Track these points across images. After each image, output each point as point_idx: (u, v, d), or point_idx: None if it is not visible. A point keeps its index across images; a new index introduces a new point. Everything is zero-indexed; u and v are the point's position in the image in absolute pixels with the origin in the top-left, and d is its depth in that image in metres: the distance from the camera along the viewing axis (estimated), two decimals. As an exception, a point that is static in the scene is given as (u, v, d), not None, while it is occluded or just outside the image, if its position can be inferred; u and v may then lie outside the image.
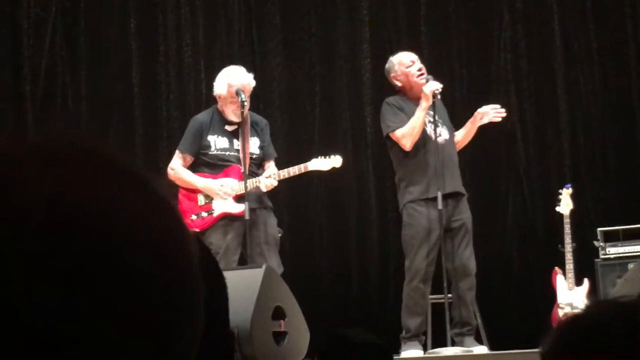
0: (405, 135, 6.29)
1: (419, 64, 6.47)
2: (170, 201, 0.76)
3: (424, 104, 6.23)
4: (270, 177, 6.18)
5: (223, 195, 6.23)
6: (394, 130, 6.32)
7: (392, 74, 6.52)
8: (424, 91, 6.23)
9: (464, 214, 6.35)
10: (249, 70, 6.41)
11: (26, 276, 0.67)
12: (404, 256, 6.44)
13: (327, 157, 6.32)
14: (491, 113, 6.42)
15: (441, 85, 6.28)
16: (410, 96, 6.46)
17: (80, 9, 8.15)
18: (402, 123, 6.30)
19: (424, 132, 6.31)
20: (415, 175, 6.34)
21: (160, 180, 0.76)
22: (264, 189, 6.21)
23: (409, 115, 6.34)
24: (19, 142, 0.75)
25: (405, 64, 6.49)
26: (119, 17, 8.18)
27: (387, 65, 6.60)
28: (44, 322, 0.67)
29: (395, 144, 6.36)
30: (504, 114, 6.46)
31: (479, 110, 6.44)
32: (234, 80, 6.26)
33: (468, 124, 6.48)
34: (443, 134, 6.35)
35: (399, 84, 6.50)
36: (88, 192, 0.71)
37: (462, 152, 6.55)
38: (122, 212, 0.71)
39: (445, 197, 6.21)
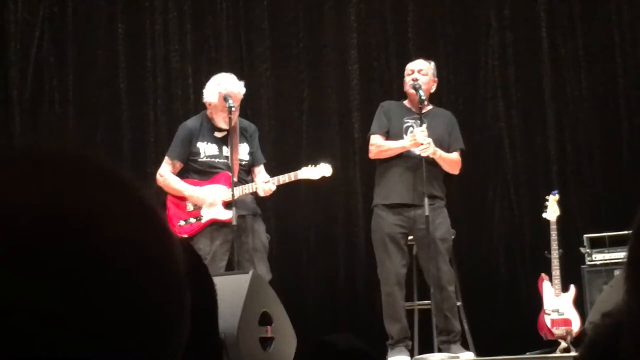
0: (376, 147, 6.43)
1: (415, 75, 6.54)
2: (156, 207, 0.76)
3: (407, 144, 6.29)
4: (268, 181, 6.18)
5: (208, 205, 6.23)
6: (372, 134, 6.53)
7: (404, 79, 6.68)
8: (415, 137, 6.25)
9: (431, 224, 6.32)
10: (237, 76, 6.42)
11: (12, 279, 0.68)
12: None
13: (317, 165, 6.33)
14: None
15: (426, 137, 6.27)
16: (410, 103, 6.59)
17: (67, 13, 8.13)
18: (381, 129, 6.49)
19: (401, 138, 6.40)
20: (383, 179, 6.47)
21: (146, 187, 0.77)
22: (262, 194, 6.21)
23: (396, 122, 6.45)
24: (7, 147, 0.75)
25: (407, 72, 6.63)
26: (107, 22, 8.17)
27: None
28: (31, 323, 0.67)
29: None
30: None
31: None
32: (224, 89, 6.27)
33: None
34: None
35: (404, 88, 6.65)
36: (75, 197, 0.71)
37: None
38: (109, 217, 0.72)
39: (410, 205, 6.28)
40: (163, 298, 0.73)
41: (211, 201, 6.22)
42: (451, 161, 6.45)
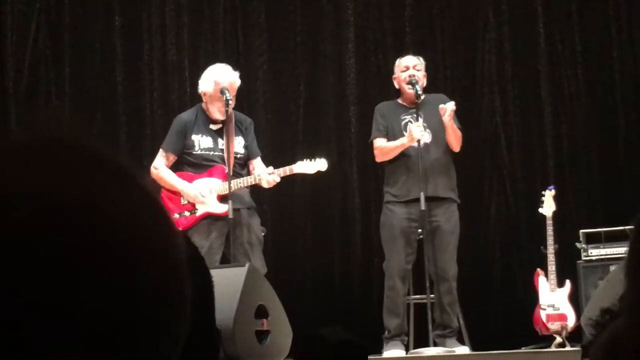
0: (379, 150, 6.44)
1: (411, 71, 6.51)
2: (155, 196, 0.76)
3: (406, 141, 6.27)
4: (273, 173, 6.17)
5: (200, 202, 6.23)
6: (374, 139, 6.51)
7: (393, 75, 6.63)
8: (412, 133, 6.24)
9: (442, 217, 6.35)
10: (233, 69, 6.41)
11: (10, 269, 0.67)
12: (386, 256, 6.50)
13: (313, 159, 6.32)
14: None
15: (423, 132, 6.26)
16: (403, 99, 6.56)
17: (64, 5, 8.12)
18: (381, 132, 6.47)
19: (402, 136, 6.39)
20: (393, 177, 6.45)
21: (145, 175, 0.76)
22: (266, 185, 6.20)
23: (393, 122, 6.43)
24: (4, 137, 0.75)
25: (400, 68, 6.58)
26: (104, 15, 8.16)
27: None
28: (29, 315, 0.67)
29: None
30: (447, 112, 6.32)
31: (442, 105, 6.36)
32: (220, 78, 6.26)
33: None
34: (425, 137, 6.37)
35: (396, 85, 6.60)
36: (75, 186, 0.71)
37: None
38: (109, 206, 0.71)
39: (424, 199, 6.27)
40: (164, 288, 0.73)
41: (202, 200, 6.21)
42: (459, 135, 6.41)
